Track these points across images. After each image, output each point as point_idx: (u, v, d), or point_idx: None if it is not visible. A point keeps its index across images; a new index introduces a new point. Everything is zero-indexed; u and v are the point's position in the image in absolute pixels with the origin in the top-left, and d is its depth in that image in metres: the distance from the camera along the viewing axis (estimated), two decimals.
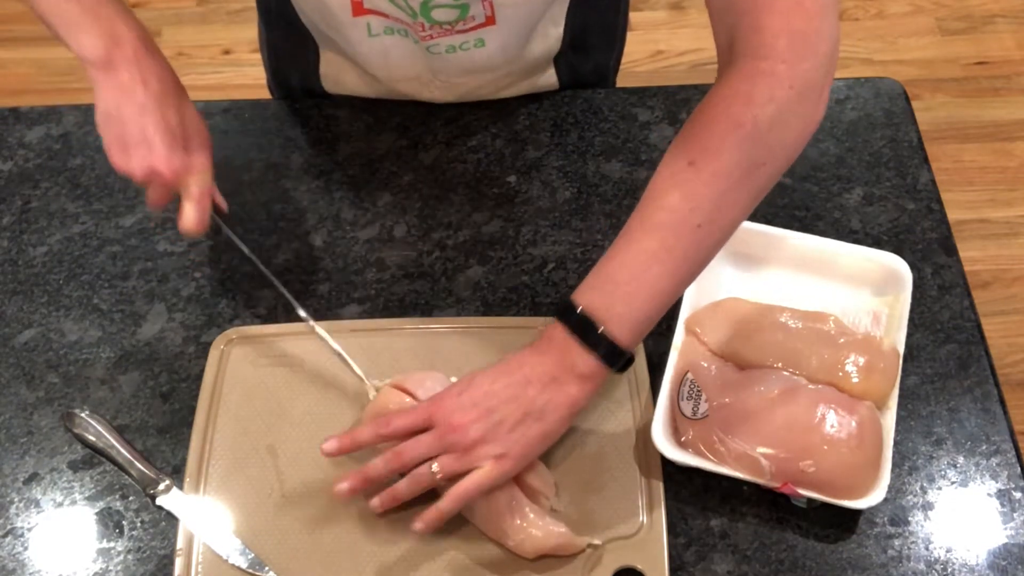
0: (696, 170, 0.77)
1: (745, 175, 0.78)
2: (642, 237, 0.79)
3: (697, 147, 0.77)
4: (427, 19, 0.98)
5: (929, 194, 1.09)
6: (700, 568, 0.85)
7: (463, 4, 0.97)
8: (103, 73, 0.88)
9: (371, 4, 0.99)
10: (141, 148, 0.87)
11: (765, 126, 0.76)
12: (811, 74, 0.77)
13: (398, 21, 1.01)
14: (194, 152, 0.90)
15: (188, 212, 0.89)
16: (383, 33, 1.03)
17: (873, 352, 0.90)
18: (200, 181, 0.90)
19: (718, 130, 0.77)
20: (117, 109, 0.88)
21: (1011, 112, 2.36)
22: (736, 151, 0.77)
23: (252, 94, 1.23)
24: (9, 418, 0.94)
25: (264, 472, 0.89)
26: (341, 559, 0.85)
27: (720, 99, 0.78)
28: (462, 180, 1.10)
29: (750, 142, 0.77)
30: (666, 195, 0.78)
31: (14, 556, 0.87)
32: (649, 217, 0.79)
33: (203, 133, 0.92)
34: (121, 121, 0.88)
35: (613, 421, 0.92)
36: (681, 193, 0.78)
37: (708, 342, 0.93)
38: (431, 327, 0.98)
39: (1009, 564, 0.85)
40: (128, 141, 0.87)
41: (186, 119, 0.90)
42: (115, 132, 0.88)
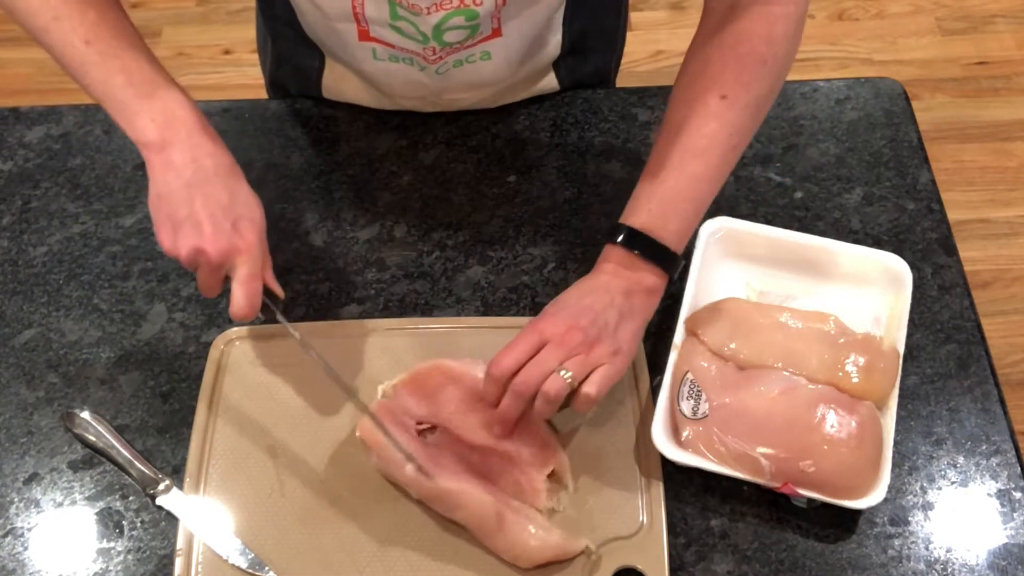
0: (729, 103, 0.89)
1: (767, 102, 0.92)
2: (688, 162, 0.89)
3: (729, 82, 0.89)
4: (439, 43, 0.99)
5: (929, 194, 1.09)
6: (700, 568, 0.85)
7: (475, 24, 0.97)
8: (157, 155, 0.86)
9: (376, 34, 1.00)
10: (186, 227, 0.84)
11: (782, 60, 0.91)
12: (804, 7, 0.92)
13: (404, 51, 1.01)
14: (244, 232, 0.86)
15: (236, 295, 0.85)
16: (388, 60, 1.04)
17: (873, 352, 0.90)
18: (249, 262, 0.85)
19: (748, 67, 0.89)
20: (167, 188, 0.86)
21: (1011, 112, 2.36)
22: (763, 84, 0.90)
23: (252, 94, 1.23)
24: (9, 418, 0.94)
25: (264, 472, 0.89)
26: (341, 559, 0.85)
27: (743, 39, 0.90)
28: (462, 180, 1.10)
29: (773, 75, 0.91)
30: (705, 124, 0.89)
31: (14, 556, 0.87)
32: (692, 144, 0.89)
33: (255, 212, 0.88)
34: (170, 201, 0.85)
35: (613, 421, 0.92)
36: (719, 123, 0.89)
37: (708, 342, 0.93)
38: (431, 327, 0.98)
39: (1009, 564, 0.85)
40: (175, 221, 0.85)
41: (238, 198, 0.87)
42: (164, 212, 0.86)
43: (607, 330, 0.85)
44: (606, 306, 0.86)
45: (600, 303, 0.86)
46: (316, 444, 0.91)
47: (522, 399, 0.84)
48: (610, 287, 0.88)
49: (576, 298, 0.87)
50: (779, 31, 0.90)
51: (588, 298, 0.87)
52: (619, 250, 0.89)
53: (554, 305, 0.88)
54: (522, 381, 0.84)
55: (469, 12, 0.95)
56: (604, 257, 0.91)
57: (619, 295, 0.87)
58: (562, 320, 0.85)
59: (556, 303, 0.88)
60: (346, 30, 1.00)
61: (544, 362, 0.84)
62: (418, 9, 0.94)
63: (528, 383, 0.84)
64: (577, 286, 0.89)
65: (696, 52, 0.92)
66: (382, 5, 0.95)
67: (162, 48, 2.49)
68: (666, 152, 0.90)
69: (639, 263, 0.89)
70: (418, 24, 0.96)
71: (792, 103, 1.17)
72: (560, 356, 0.84)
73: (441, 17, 0.95)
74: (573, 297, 0.88)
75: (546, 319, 0.86)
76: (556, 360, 0.84)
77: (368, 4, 0.96)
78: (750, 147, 1.13)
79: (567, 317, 0.85)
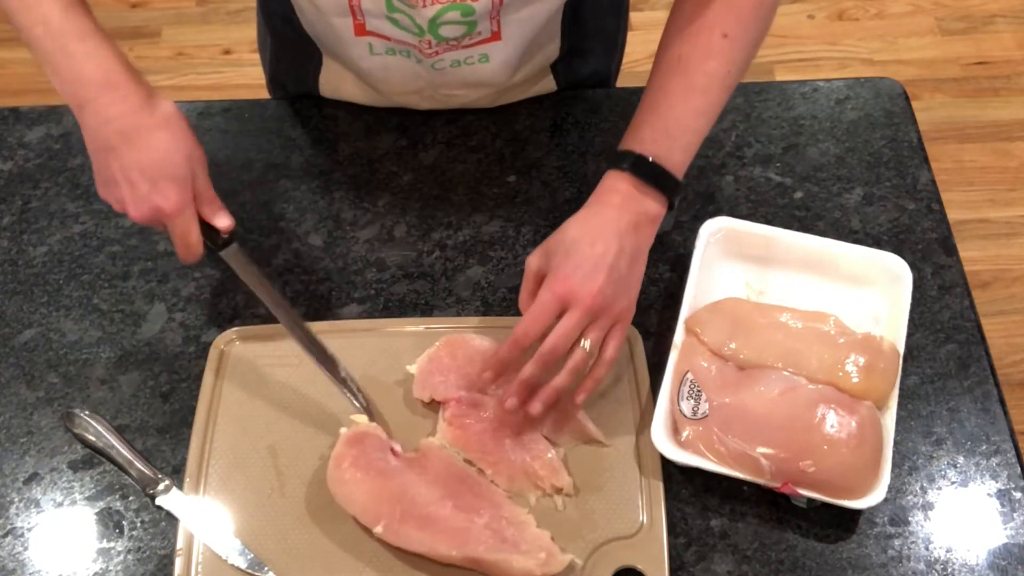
0: (730, 41, 0.92)
1: (759, 44, 0.95)
2: (690, 96, 0.92)
3: (731, 21, 0.92)
4: (435, 36, 0.98)
5: (929, 194, 1.09)
6: (700, 568, 0.85)
7: (471, 21, 0.97)
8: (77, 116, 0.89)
9: (373, 27, 1.00)
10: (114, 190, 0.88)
11: (774, 4, 0.94)
12: None
13: (401, 43, 1.01)
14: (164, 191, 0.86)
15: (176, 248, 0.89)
16: (385, 53, 1.04)
17: (873, 352, 0.90)
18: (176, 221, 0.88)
19: (747, 9, 0.93)
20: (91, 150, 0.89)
21: (1011, 112, 2.36)
22: (761, 24, 0.94)
23: (252, 94, 1.23)
24: (9, 418, 0.94)
25: (264, 472, 0.89)
26: (341, 559, 0.85)
27: None
28: (462, 180, 1.10)
29: (768, 15, 0.94)
30: (706, 62, 0.92)
31: (14, 556, 0.87)
32: (694, 80, 0.92)
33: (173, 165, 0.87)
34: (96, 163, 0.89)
35: (613, 421, 0.92)
36: (719, 61, 0.92)
37: (708, 342, 0.93)
38: (431, 327, 0.98)
39: (1009, 564, 0.85)
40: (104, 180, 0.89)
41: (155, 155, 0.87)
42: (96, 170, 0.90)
43: (621, 283, 0.87)
44: (617, 254, 0.87)
45: (612, 250, 0.87)
46: (316, 444, 0.91)
47: (547, 368, 0.86)
48: (619, 225, 0.88)
49: (588, 244, 0.87)
50: None
51: (599, 245, 0.87)
52: (626, 177, 0.90)
53: (566, 256, 0.87)
54: (550, 351, 0.86)
55: (465, 8, 0.95)
56: (608, 186, 0.91)
57: (628, 234, 0.88)
58: (580, 281, 0.86)
59: (568, 254, 0.87)
60: (342, 25, 1.00)
61: (570, 331, 0.86)
62: (414, 2, 0.94)
63: (556, 352, 0.86)
64: (584, 224, 0.89)
65: None
66: None
67: (162, 48, 2.49)
68: (668, 85, 0.92)
69: (646, 190, 0.90)
70: (414, 16, 0.96)
71: (792, 103, 1.17)
72: (584, 323, 0.86)
73: (437, 11, 0.95)
74: (584, 242, 0.87)
75: (564, 280, 0.86)
76: (580, 328, 0.86)
77: None
78: (750, 147, 1.13)
79: (584, 277, 0.86)
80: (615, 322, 0.88)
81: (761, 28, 0.94)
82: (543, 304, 0.86)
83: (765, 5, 0.93)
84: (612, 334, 0.88)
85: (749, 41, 0.94)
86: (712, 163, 1.11)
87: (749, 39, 0.93)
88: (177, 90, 2.37)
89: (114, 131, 0.86)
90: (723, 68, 0.92)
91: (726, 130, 1.14)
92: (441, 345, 0.94)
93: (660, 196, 0.91)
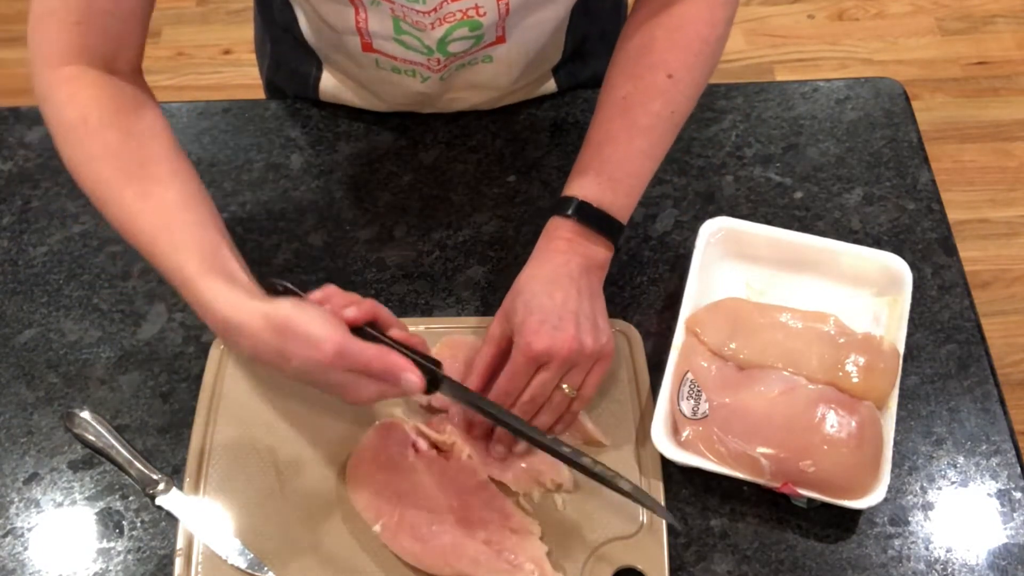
0: (675, 82, 0.92)
1: (705, 83, 0.96)
2: (635, 138, 0.91)
3: (676, 62, 0.92)
4: (443, 54, 0.99)
5: (929, 194, 1.09)
6: (700, 568, 0.85)
7: (479, 34, 0.97)
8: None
9: (380, 46, 1.00)
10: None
11: (721, 39, 0.94)
12: None
13: (407, 62, 1.01)
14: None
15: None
16: (390, 70, 1.04)
17: (873, 352, 0.90)
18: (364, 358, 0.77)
19: (692, 49, 0.93)
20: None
21: (1011, 112, 2.36)
22: (705, 65, 0.94)
23: (252, 94, 1.23)
24: (9, 418, 0.94)
25: (264, 472, 0.89)
26: (341, 559, 0.85)
27: (688, 22, 0.93)
28: (462, 180, 1.10)
29: (713, 55, 0.94)
30: (652, 102, 0.92)
31: (14, 556, 0.87)
32: (638, 121, 0.92)
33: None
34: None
35: (613, 421, 0.92)
36: (663, 101, 0.92)
37: (708, 342, 0.93)
38: (431, 327, 0.98)
39: (1009, 564, 0.85)
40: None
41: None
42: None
43: (588, 323, 0.86)
44: (577, 297, 0.87)
45: (571, 296, 0.86)
46: (316, 444, 0.91)
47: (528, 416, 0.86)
48: (570, 270, 0.88)
49: (546, 295, 0.86)
50: (720, 15, 0.93)
51: (558, 293, 0.86)
52: (570, 223, 0.90)
53: (528, 313, 0.85)
54: (529, 401, 0.86)
55: (473, 23, 0.95)
56: (553, 233, 0.90)
57: (581, 277, 0.88)
58: (548, 334, 0.84)
59: (530, 310, 0.85)
60: (350, 42, 1.00)
61: (548, 384, 0.85)
62: (422, 25, 0.94)
63: (536, 403, 0.86)
64: (536, 274, 0.88)
65: (638, 30, 0.94)
66: (386, 20, 0.95)
67: (162, 48, 2.49)
68: (612, 126, 0.92)
69: (591, 235, 0.89)
70: (422, 39, 0.96)
71: (792, 103, 1.17)
72: (562, 373, 0.85)
73: (445, 31, 0.95)
74: (542, 294, 0.86)
75: (534, 338, 0.84)
76: (558, 378, 0.85)
77: (372, 19, 0.96)
78: (750, 147, 1.13)
79: (554, 330, 0.84)
80: (595, 361, 0.87)
81: (706, 69, 0.94)
82: (518, 367, 0.85)
83: (710, 44, 0.93)
84: (592, 372, 0.87)
85: (693, 81, 0.93)
86: (712, 163, 1.11)
87: (693, 79, 0.93)
88: (177, 90, 2.37)
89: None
90: (667, 108, 0.92)
91: (726, 130, 1.14)
92: (442, 346, 0.94)
93: (605, 241, 0.90)
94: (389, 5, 0.93)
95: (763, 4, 2.60)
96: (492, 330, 0.89)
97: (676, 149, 1.12)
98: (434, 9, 0.92)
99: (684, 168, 1.11)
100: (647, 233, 1.06)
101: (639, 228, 1.06)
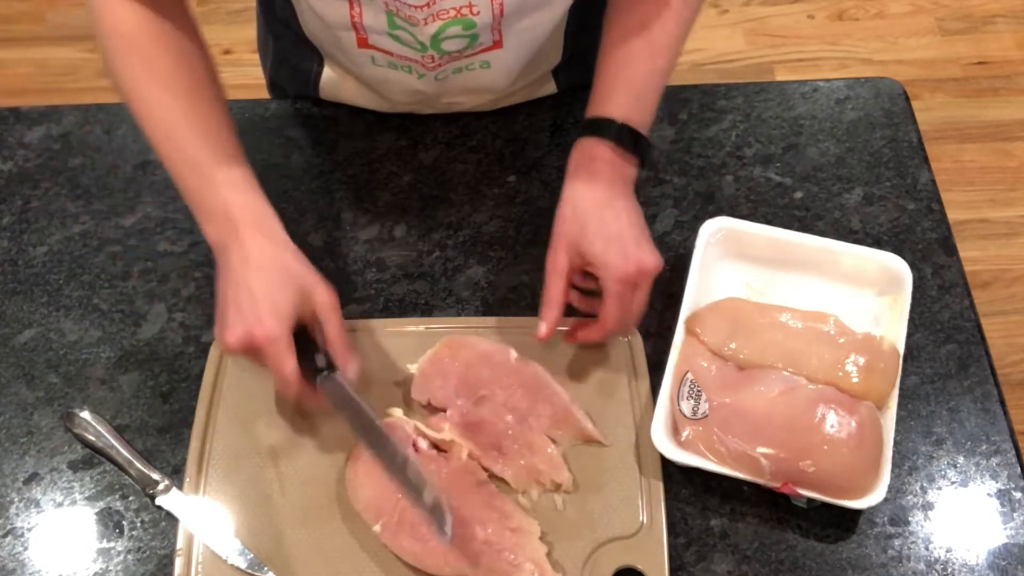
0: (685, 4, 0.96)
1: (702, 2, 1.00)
2: (656, 57, 0.96)
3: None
4: (437, 51, 0.99)
5: (929, 194, 1.09)
6: (700, 568, 0.85)
7: (473, 34, 0.97)
8: (219, 257, 0.88)
9: (375, 41, 1.00)
10: (220, 319, 0.86)
11: None
12: None
13: (403, 59, 1.01)
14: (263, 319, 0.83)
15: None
16: (387, 66, 1.04)
17: (873, 352, 0.90)
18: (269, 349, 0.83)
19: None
20: (219, 286, 0.87)
21: (1011, 112, 2.36)
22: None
23: (252, 94, 1.23)
24: (9, 418, 0.94)
25: (264, 472, 0.89)
26: (341, 559, 0.85)
27: None
28: (462, 180, 1.10)
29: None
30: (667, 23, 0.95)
31: (14, 556, 0.87)
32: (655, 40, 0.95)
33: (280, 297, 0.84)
34: (218, 297, 0.87)
35: (613, 421, 0.92)
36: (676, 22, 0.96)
37: (708, 342, 0.93)
38: (431, 327, 0.98)
39: (1009, 564, 0.85)
40: (219, 313, 0.86)
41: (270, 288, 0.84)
42: (217, 307, 0.87)
43: (649, 240, 0.92)
44: (635, 216, 0.92)
45: (632, 216, 0.92)
46: (316, 444, 0.91)
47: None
48: (616, 191, 0.92)
49: (614, 220, 0.91)
50: None
51: (623, 216, 0.91)
52: (608, 144, 0.93)
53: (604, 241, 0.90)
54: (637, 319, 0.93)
55: (466, 22, 0.95)
56: (593, 152, 0.93)
57: (629, 197, 0.93)
58: (636, 257, 0.89)
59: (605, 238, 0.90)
60: (345, 37, 1.01)
61: (645, 300, 0.92)
62: (415, 20, 0.94)
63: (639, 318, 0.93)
64: (590, 198, 0.92)
65: None
66: (380, 15, 0.96)
67: None
68: (632, 46, 0.95)
69: (626, 156, 0.93)
70: (416, 34, 0.96)
71: (792, 103, 1.17)
72: (649, 287, 0.91)
73: (438, 27, 0.95)
74: (610, 220, 0.91)
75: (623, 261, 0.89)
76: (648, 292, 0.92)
77: (366, 13, 0.96)
78: (750, 147, 1.13)
79: (636, 251, 0.90)
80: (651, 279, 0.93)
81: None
82: (622, 293, 0.89)
83: None
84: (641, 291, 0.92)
85: (698, 3, 0.98)
86: (712, 163, 1.11)
87: (696, 5, 0.97)
88: None
89: (241, 262, 0.85)
90: (682, 29, 0.97)
91: (726, 130, 1.14)
92: (442, 346, 0.94)
93: (636, 160, 0.94)
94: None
95: (763, 4, 2.60)
96: (558, 263, 0.91)
97: (676, 149, 1.12)
98: (427, 4, 0.92)
99: (684, 168, 1.11)
100: None
101: None
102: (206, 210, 0.88)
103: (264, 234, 0.87)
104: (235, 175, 0.89)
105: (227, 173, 0.88)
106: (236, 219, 0.87)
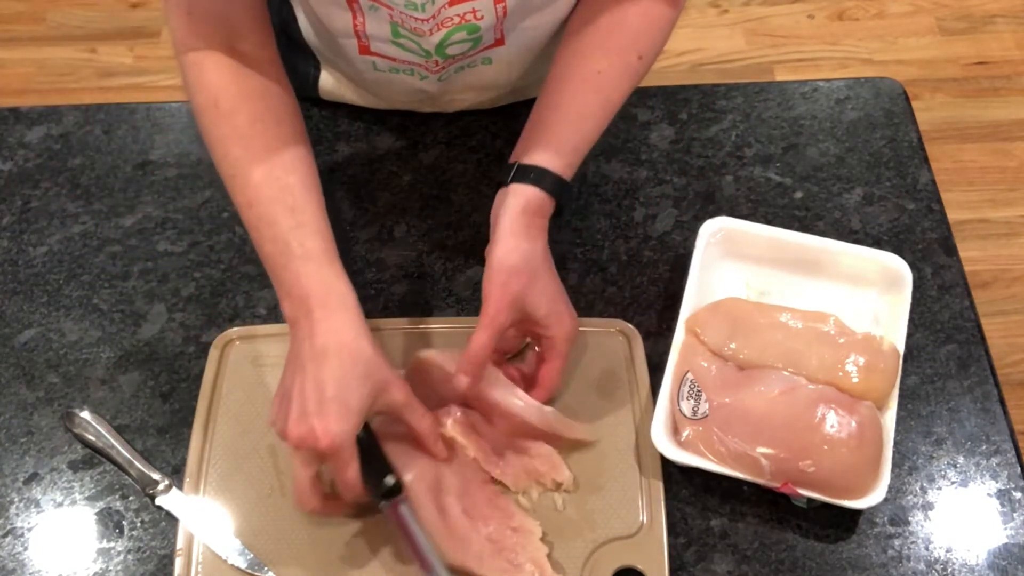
0: (642, 62, 0.95)
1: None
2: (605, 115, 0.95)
3: (646, 43, 0.95)
4: (441, 56, 0.99)
5: (929, 194, 1.09)
6: (700, 568, 0.85)
7: (477, 37, 0.97)
8: (292, 332, 0.84)
9: (377, 49, 1.00)
10: (280, 407, 0.82)
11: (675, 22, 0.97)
12: None
13: (405, 63, 1.01)
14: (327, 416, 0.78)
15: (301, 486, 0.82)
16: (388, 71, 1.04)
17: (873, 352, 0.90)
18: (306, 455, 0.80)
19: (654, 32, 0.96)
20: (286, 366, 0.84)
21: (1011, 112, 2.36)
22: (661, 44, 0.98)
23: None
24: (9, 418, 0.94)
25: (264, 472, 0.89)
26: (341, 559, 0.85)
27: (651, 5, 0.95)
28: (462, 180, 1.10)
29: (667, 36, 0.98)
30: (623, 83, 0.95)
31: (14, 556, 0.87)
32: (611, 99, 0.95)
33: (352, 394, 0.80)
34: (283, 379, 0.84)
35: (613, 421, 0.92)
36: (632, 82, 0.96)
37: (708, 342, 0.93)
38: (431, 327, 0.98)
39: (1009, 564, 0.85)
40: (280, 396, 0.83)
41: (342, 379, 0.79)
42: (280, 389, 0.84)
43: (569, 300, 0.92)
44: (556, 274, 0.91)
45: (555, 274, 0.91)
46: None
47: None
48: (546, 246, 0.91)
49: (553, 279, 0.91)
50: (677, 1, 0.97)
51: (553, 277, 0.91)
52: (548, 200, 0.90)
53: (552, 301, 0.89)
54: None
55: (471, 27, 0.95)
56: (535, 207, 0.90)
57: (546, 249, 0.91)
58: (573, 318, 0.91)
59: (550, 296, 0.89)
60: (347, 44, 1.00)
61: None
62: (420, 31, 0.94)
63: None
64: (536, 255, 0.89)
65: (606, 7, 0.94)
66: (383, 24, 0.95)
67: (162, 48, 2.49)
68: (588, 100, 0.94)
69: (551, 205, 0.91)
70: (421, 43, 0.96)
71: (792, 103, 1.17)
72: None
73: (443, 35, 0.95)
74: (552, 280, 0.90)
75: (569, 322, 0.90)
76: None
77: (369, 23, 0.96)
78: (750, 147, 1.13)
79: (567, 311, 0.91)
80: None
81: (662, 45, 0.98)
82: (564, 354, 0.90)
83: (668, 27, 0.97)
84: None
85: (653, 61, 0.97)
86: (712, 163, 1.11)
87: (652, 60, 0.97)
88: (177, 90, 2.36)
89: (311, 345, 0.81)
90: (631, 87, 0.96)
91: (726, 130, 1.14)
92: (408, 370, 0.92)
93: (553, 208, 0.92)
94: (388, 11, 0.93)
95: (763, 4, 2.60)
96: (500, 320, 0.85)
97: (676, 149, 1.12)
98: (432, 16, 0.92)
99: (684, 168, 1.11)
100: (647, 233, 1.06)
101: (639, 228, 1.06)
102: (281, 282, 0.85)
103: (339, 316, 0.82)
104: (312, 246, 0.84)
105: (303, 244, 0.84)
106: (309, 295, 0.82)
